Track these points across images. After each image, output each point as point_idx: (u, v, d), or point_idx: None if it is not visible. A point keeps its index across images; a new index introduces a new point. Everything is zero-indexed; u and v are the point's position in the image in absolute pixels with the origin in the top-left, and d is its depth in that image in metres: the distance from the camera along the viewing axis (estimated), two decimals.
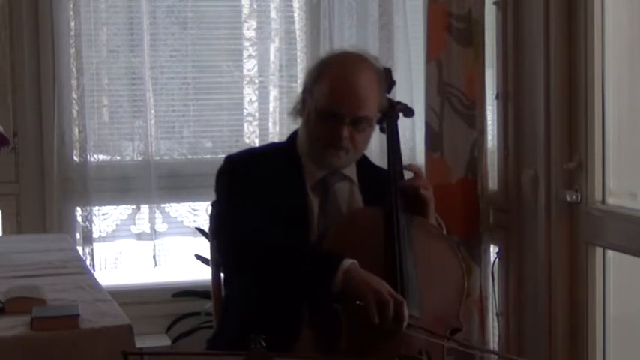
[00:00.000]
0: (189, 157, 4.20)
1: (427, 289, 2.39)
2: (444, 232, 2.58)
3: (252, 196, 2.45)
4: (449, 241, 2.53)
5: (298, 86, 3.61)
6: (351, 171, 2.58)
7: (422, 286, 2.37)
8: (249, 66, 4.31)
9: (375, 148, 3.77)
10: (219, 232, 2.51)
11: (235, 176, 2.52)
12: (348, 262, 2.26)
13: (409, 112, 2.71)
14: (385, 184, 2.50)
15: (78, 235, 4.11)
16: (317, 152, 2.48)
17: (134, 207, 4.20)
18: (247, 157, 2.62)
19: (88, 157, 4.07)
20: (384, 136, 2.63)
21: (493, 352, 3.55)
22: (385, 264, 2.36)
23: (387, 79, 2.60)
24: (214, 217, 2.59)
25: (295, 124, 2.62)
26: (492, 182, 3.68)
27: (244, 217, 2.42)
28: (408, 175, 2.57)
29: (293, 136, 2.59)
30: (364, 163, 2.62)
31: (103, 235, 4.17)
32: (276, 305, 2.35)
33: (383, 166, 2.62)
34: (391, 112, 2.61)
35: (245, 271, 2.42)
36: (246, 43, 4.32)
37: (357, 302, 2.21)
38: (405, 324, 2.22)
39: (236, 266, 2.46)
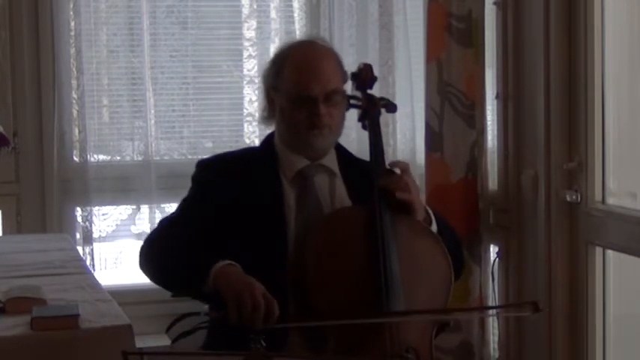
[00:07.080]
0: (189, 157, 4.20)
1: (414, 286, 2.38)
2: (433, 218, 2.54)
3: (213, 206, 2.47)
4: (434, 236, 2.51)
5: None
6: (332, 162, 2.58)
7: (408, 283, 2.36)
8: (249, 66, 4.32)
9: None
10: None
11: (202, 186, 2.56)
12: (220, 265, 2.28)
13: (392, 108, 2.70)
14: (368, 182, 2.49)
15: (78, 235, 4.12)
16: (301, 138, 2.50)
17: (134, 207, 4.20)
18: (219, 162, 2.64)
19: (88, 157, 4.08)
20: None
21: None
22: (370, 264, 2.36)
23: (368, 75, 2.63)
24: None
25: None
26: (492, 182, 3.67)
27: (177, 227, 2.49)
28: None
29: (269, 138, 2.63)
30: (345, 155, 2.63)
31: (103, 235, 4.17)
32: None
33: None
34: (373, 109, 2.61)
35: (143, 266, 2.54)
36: (246, 43, 4.32)
37: (221, 312, 2.24)
38: (263, 322, 2.20)
39: (140, 259, 2.55)
